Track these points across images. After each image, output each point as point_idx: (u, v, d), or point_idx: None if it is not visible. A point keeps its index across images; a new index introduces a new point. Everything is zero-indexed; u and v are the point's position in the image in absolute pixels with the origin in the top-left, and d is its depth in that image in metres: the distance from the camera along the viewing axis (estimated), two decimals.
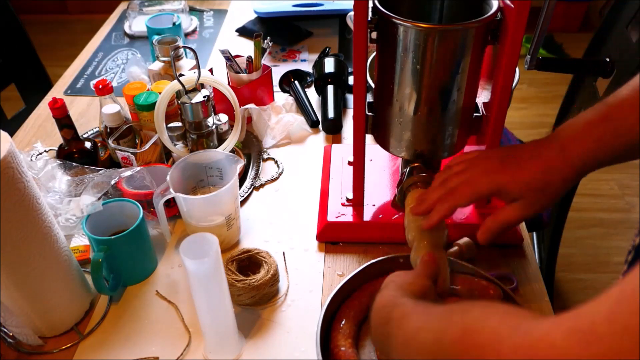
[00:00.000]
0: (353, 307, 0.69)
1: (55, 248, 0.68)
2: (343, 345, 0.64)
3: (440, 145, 0.77)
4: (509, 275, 0.78)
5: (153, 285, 0.79)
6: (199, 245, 0.58)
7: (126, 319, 0.75)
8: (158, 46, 1.04)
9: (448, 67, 0.69)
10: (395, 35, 0.67)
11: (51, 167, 0.86)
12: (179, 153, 0.91)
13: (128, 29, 1.46)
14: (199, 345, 0.71)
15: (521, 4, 0.64)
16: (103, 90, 0.93)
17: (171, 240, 0.85)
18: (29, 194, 0.62)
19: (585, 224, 1.98)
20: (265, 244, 0.85)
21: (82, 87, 1.25)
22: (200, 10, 1.57)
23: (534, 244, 1.55)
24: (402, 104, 0.73)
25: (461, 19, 0.66)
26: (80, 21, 3.20)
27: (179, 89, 0.88)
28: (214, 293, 0.62)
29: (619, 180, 2.15)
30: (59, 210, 0.80)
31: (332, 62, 1.15)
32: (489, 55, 0.73)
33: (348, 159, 0.94)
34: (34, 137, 1.08)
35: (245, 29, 1.45)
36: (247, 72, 1.07)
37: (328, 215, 0.85)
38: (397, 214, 0.84)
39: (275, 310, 0.75)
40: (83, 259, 0.80)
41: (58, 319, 0.72)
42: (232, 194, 0.79)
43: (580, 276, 1.81)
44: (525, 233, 0.84)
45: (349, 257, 0.82)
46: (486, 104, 0.77)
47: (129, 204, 0.77)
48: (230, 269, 0.74)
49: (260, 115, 1.05)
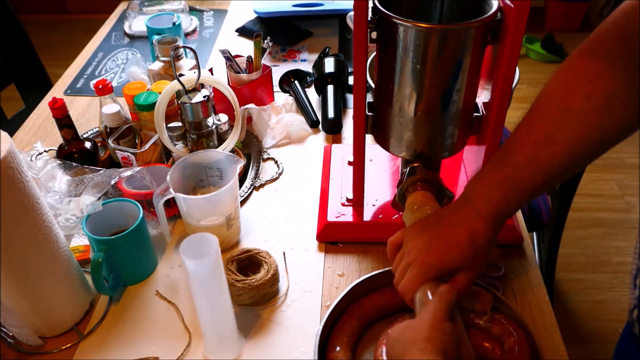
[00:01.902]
0: (345, 332, 0.68)
1: (55, 248, 0.68)
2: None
3: (440, 145, 0.77)
4: (497, 264, 0.78)
5: (153, 285, 0.79)
6: (199, 245, 0.58)
7: (126, 319, 0.75)
8: (158, 46, 1.04)
9: (448, 67, 0.69)
10: (395, 35, 0.67)
11: (51, 167, 0.86)
12: (179, 153, 0.91)
13: (128, 29, 1.46)
14: (199, 345, 0.71)
15: (521, 4, 0.64)
16: (103, 90, 0.93)
17: (171, 240, 0.85)
18: (29, 194, 0.62)
19: (585, 224, 1.98)
20: (265, 244, 0.85)
21: (82, 87, 1.25)
22: (200, 10, 1.57)
23: (534, 244, 1.55)
24: (402, 104, 0.73)
25: (461, 19, 0.66)
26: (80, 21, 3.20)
27: (179, 89, 0.88)
28: (214, 293, 0.62)
29: (619, 180, 2.15)
30: (59, 210, 0.80)
31: (332, 62, 1.15)
32: (489, 55, 0.73)
33: (348, 159, 0.94)
34: (34, 137, 1.08)
35: (245, 29, 1.45)
36: (247, 72, 1.07)
37: (328, 215, 0.85)
38: (397, 214, 0.84)
39: (275, 310, 0.75)
40: (83, 259, 0.80)
41: (58, 319, 0.72)
42: (232, 194, 0.79)
43: (580, 276, 1.81)
44: (525, 233, 0.84)
45: (349, 257, 0.82)
46: (486, 104, 0.77)
47: (129, 204, 0.77)
48: (230, 269, 0.74)
49: (260, 115, 1.05)
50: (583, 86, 0.57)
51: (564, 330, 0.71)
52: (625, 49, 0.55)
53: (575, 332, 1.65)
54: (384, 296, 0.71)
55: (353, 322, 0.69)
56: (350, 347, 0.66)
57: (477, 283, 0.69)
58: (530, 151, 0.60)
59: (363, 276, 0.72)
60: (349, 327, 0.68)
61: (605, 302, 1.73)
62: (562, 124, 0.58)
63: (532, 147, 0.60)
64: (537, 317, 0.73)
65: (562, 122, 0.58)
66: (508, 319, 0.67)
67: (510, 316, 0.67)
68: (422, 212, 0.69)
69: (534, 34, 2.90)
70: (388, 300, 0.71)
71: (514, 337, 0.64)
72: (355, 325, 0.68)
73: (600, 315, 1.69)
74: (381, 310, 0.71)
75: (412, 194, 0.74)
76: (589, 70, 0.57)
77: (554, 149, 0.59)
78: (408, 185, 0.75)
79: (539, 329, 0.71)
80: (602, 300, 1.73)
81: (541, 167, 0.60)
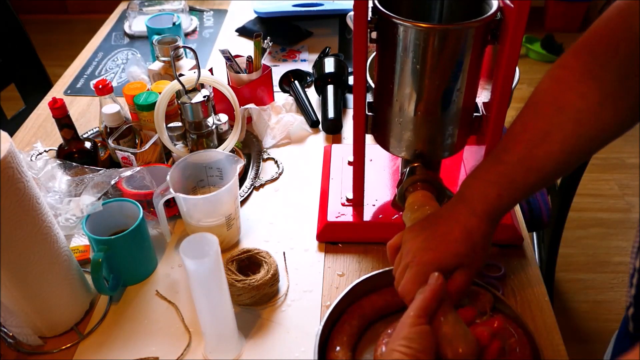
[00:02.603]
0: (345, 332, 0.68)
1: (55, 248, 0.68)
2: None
3: (440, 145, 0.77)
4: (497, 264, 0.78)
5: (153, 285, 0.79)
6: (199, 245, 0.58)
7: (126, 319, 0.75)
8: (158, 46, 1.04)
9: (448, 67, 0.69)
10: (395, 35, 0.67)
11: (51, 167, 0.86)
12: (179, 153, 0.91)
13: (128, 29, 1.46)
14: (199, 345, 0.71)
15: (521, 4, 0.64)
16: (103, 90, 0.93)
17: (171, 240, 0.85)
18: (29, 193, 0.62)
19: (585, 224, 1.98)
20: (265, 244, 0.85)
21: (82, 87, 1.25)
22: (200, 10, 1.57)
23: (534, 244, 1.56)
24: (402, 104, 0.73)
25: (461, 19, 0.66)
26: (80, 21, 3.20)
27: (179, 89, 0.88)
28: (214, 293, 0.62)
29: (619, 180, 2.15)
30: (59, 210, 0.80)
31: (332, 62, 1.15)
32: (489, 55, 0.73)
33: (348, 159, 0.94)
34: (34, 137, 1.08)
35: (245, 29, 1.45)
36: (247, 72, 1.07)
37: (328, 215, 0.85)
38: (397, 214, 0.84)
39: (275, 310, 0.75)
40: (83, 259, 0.80)
41: (58, 319, 0.72)
42: (232, 194, 0.79)
43: (580, 276, 1.81)
44: (525, 233, 0.84)
45: (349, 257, 0.82)
46: (486, 104, 0.77)
47: (129, 204, 0.77)
48: (230, 269, 0.74)
49: (260, 115, 1.05)
50: (577, 85, 0.58)
51: (564, 330, 0.71)
52: (619, 48, 0.55)
53: (575, 332, 1.65)
54: (384, 296, 0.71)
55: (353, 322, 0.69)
56: (350, 347, 0.66)
57: (477, 283, 0.69)
58: (524, 149, 0.61)
59: (363, 276, 0.72)
60: (349, 327, 0.68)
61: (605, 302, 1.73)
62: (556, 122, 0.59)
63: (526, 145, 0.61)
64: (537, 316, 0.73)
65: (556, 121, 0.59)
66: (508, 318, 0.67)
67: (510, 316, 0.67)
68: (422, 212, 0.69)
69: (534, 34, 2.90)
70: (388, 300, 0.71)
71: (515, 337, 0.64)
72: (355, 325, 0.68)
73: (600, 315, 1.69)
74: (381, 310, 0.71)
75: (412, 194, 0.74)
76: (582, 69, 0.57)
77: (548, 147, 0.59)
78: (408, 185, 0.75)
79: (538, 328, 0.71)
80: (602, 300, 1.73)
81: (535, 165, 0.60)
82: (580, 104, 0.57)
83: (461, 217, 0.63)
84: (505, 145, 0.63)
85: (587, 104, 0.57)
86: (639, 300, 0.56)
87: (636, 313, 0.57)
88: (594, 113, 0.57)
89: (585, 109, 0.57)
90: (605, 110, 0.56)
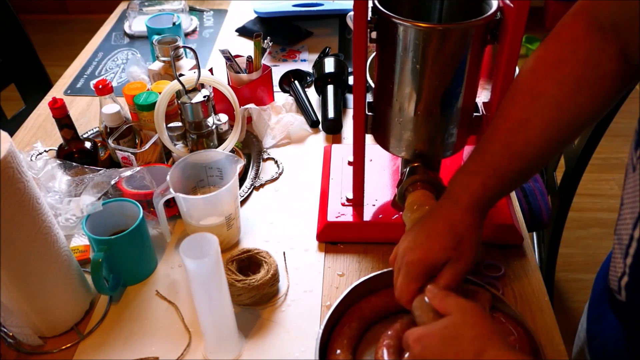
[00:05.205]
0: (345, 334, 0.67)
1: (55, 248, 0.68)
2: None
3: (440, 145, 0.77)
4: (497, 264, 0.78)
5: (153, 285, 0.79)
6: (199, 245, 0.58)
7: (126, 319, 0.75)
8: (158, 46, 1.04)
9: (448, 66, 0.69)
10: (395, 35, 0.67)
11: (51, 167, 0.86)
12: (179, 153, 0.91)
13: (128, 28, 1.46)
14: (199, 345, 0.71)
15: (521, 4, 0.64)
16: (103, 90, 0.93)
17: (171, 240, 0.85)
18: (29, 194, 0.62)
19: (585, 224, 1.98)
20: (265, 244, 0.85)
21: (82, 87, 1.25)
22: (200, 10, 1.57)
23: (534, 244, 1.56)
24: (402, 104, 0.73)
25: (461, 19, 0.66)
26: (80, 21, 3.20)
27: (179, 89, 0.88)
28: (214, 293, 0.62)
29: (619, 180, 2.15)
30: (59, 210, 0.80)
31: (332, 62, 1.15)
32: (489, 55, 0.73)
33: (348, 159, 0.94)
34: (34, 137, 1.08)
35: (245, 29, 1.45)
36: (247, 72, 1.07)
37: (328, 215, 0.85)
38: (397, 214, 0.84)
39: (275, 310, 0.75)
40: (83, 259, 0.80)
41: (58, 319, 0.72)
42: (232, 194, 0.79)
43: (580, 276, 1.81)
44: (525, 233, 0.84)
45: (349, 257, 0.82)
46: (486, 104, 0.77)
47: (129, 204, 0.77)
48: (230, 269, 0.74)
49: (260, 115, 1.05)
50: (552, 72, 0.59)
51: (564, 330, 0.71)
52: (589, 34, 0.57)
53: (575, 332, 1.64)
54: (383, 298, 0.71)
55: (353, 324, 0.69)
56: (350, 349, 0.66)
57: (477, 282, 0.69)
58: (506, 137, 0.62)
59: (362, 277, 0.72)
60: (348, 329, 0.68)
61: None
62: (534, 108, 0.60)
63: (507, 133, 0.62)
64: (537, 317, 0.73)
65: (534, 107, 0.60)
66: (508, 317, 0.67)
67: (510, 314, 0.67)
68: (422, 212, 0.69)
69: (534, 34, 2.90)
70: (387, 301, 0.71)
71: (514, 335, 0.64)
72: (355, 328, 0.68)
73: None
74: (381, 311, 0.71)
75: (412, 193, 0.74)
76: (556, 57, 0.59)
77: (529, 133, 0.60)
78: (408, 185, 0.75)
79: (539, 328, 0.71)
80: None
81: (518, 151, 0.61)
82: (557, 91, 0.59)
83: (444, 211, 0.64)
84: (487, 137, 0.64)
85: (564, 90, 0.58)
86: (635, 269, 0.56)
87: (630, 282, 0.57)
88: (570, 98, 0.58)
89: (563, 94, 0.58)
90: (582, 94, 0.58)
